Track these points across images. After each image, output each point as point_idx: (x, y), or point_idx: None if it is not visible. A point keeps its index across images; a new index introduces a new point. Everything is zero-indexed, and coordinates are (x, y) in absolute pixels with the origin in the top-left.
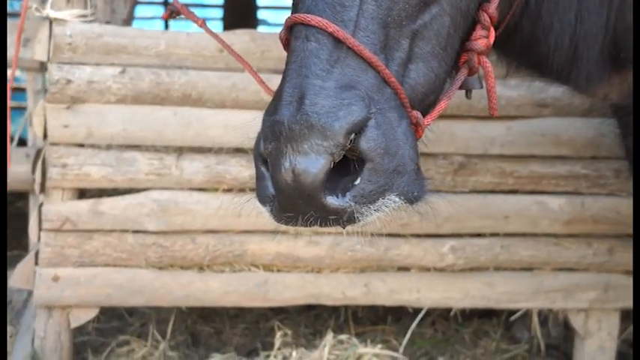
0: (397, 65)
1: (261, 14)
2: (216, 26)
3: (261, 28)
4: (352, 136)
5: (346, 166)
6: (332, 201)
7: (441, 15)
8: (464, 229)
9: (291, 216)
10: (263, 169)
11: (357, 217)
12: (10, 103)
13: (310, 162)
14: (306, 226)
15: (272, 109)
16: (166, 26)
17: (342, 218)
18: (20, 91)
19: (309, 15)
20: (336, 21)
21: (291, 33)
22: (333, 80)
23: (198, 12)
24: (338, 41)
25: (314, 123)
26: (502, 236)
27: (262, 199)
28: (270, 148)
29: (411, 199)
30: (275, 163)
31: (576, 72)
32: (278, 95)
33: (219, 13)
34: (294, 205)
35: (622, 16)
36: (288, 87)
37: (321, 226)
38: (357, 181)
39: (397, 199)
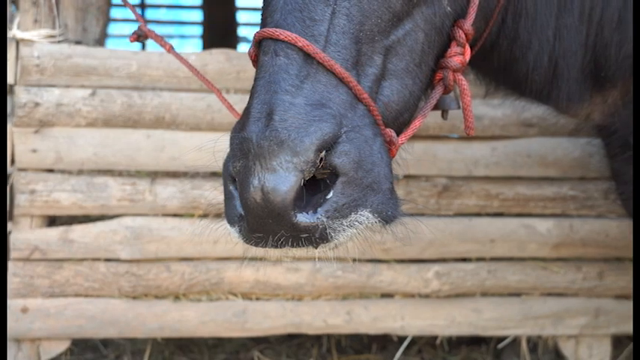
0: (370, 82)
1: (241, 31)
2: (196, 44)
3: (242, 46)
4: (323, 153)
5: (316, 186)
6: (303, 218)
7: (414, 30)
8: (449, 254)
9: (261, 236)
10: (231, 188)
11: (330, 234)
12: None
13: (280, 179)
14: (276, 247)
15: (240, 126)
16: (143, 45)
17: (315, 236)
18: None
19: (277, 29)
20: (306, 35)
21: (259, 48)
22: (303, 96)
23: (176, 29)
24: (308, 56)
25: (283, 139)
26: (488, 261)
27: (231, 220)
28: (238, 166)
29: (386, 218)
30: (243, 182)
31: (557, 91)
32: (246, 112)
33: (198, 30)
34: (264, 224)
35: (601, 32)
36: (257, 103)
37: (292, 246)
38: (329, 195)
39: (371, 216)
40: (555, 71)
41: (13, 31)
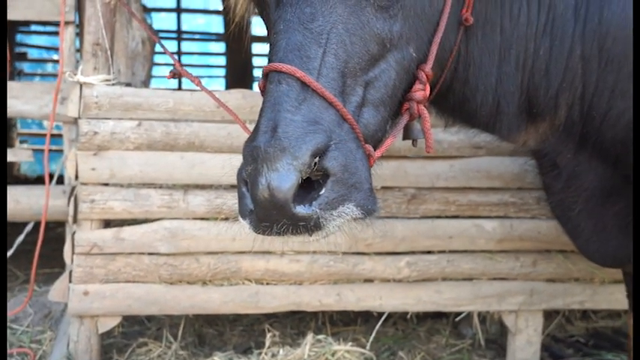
0: (353, 107)
1: (256, 73)
2: (220, 83)
3: (256, 85)
4: (316, 158)
5: (311, 186)
6: (300, 210)
7: (388, 70)
8: (416, 248)
9: (267, 225)
10: (244, 189)
11: (322, 223)
12: (50, 147)
13: (282, 178)
14: (279, 234)
15: (251, 138)
16: (179, 83)
17: (310, 224)
18: (59, 137)
19: (281, 64)
20: (303, 69)
21: (267, 79)
22: (301, 115)
23: (204, 72)
24: (304, 84)
25: (285, 146)
26: (447, 253)
27: (243, 214)
28: (249, 169)
29: (366, 211)
30: (253, 181)
31: (499, 124)
32: (256, 127)
33: (222, 72)
34: (270, 215)
35: (532, 78)
36: (264, 120)
37: (292, 233)
38: (322, 191)
39: (355, 209)
40: (498, 108)
41: (78, 76)
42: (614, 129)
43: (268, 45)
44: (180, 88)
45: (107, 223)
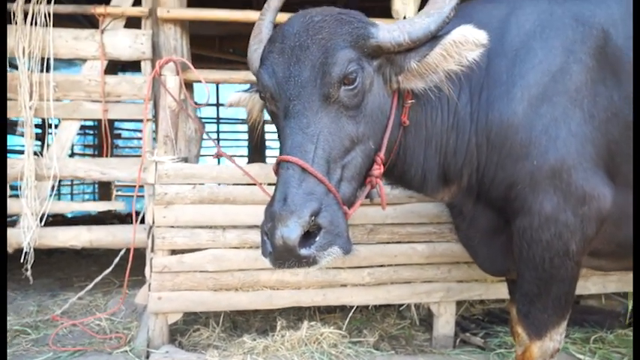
0: (335, 182)
1: (267, 145)
2: (244, 157)
3: (269, 158)
4: (313, 217)
5: (309, 235)
6: (303, 251)
7: (356, 157)
8: (374, 263)
9: (281, 262)
10: (265, 238)
11: (317, 260)
12: (137, 194)
13: (290, 231)
14: (289, 267)
15: (270, 204)
16: (219, 160)
17: (310, 261)
18: (142, 187)
19: (288, 156)
20: (302, 159)
21: (279, 165)
22: (302, 189)
23: (232, 150)
24: (303, 169)
25: (293, 210)
26: (394, 266)
27: (264, 254)
28: (269, 225)
29: (345, 251)
30: (272, 234)
31: (426, 187)
32: (272, 197)
33: (246, 143)
34: (282, 255)
35: (445, 158)
36: (278, 193)
37: (297, 267)
38: (317, 239)
39: (338, 250)
40: (424, 178)
41: (154, 157)
42: (498, 190)
43: (279, 142)
44: (219, 163)
45: (173, 252)
